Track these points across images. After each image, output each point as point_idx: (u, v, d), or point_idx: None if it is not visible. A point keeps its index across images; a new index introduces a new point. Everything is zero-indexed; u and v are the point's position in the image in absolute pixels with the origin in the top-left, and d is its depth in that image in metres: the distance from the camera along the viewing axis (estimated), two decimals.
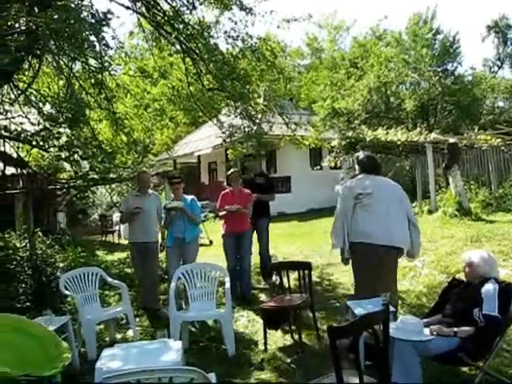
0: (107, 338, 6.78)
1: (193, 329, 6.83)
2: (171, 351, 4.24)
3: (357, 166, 6.10)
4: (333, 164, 19.32)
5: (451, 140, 14.92)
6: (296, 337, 6.21)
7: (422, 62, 27.92)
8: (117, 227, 19.41)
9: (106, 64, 8.53)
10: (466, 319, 4.36)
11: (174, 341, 4.76)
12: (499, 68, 36.04)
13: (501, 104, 32.10)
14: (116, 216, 19.01)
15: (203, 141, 25.27)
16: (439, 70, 29.10)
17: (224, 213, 8.14)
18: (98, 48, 6.54)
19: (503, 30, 34.74)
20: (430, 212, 14.62)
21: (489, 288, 4.44)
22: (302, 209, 21.13)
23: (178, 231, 7.62)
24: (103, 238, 19.30)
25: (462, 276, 5.22)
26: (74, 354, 5.32)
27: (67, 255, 9.85)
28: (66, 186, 11.24)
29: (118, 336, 6.85)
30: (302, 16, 10.35)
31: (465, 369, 4.80)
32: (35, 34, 5.66)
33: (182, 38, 9.41)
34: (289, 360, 5.67)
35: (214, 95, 10.73)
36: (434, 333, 4.34)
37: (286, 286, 6.69)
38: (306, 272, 6.40)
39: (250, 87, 9.78)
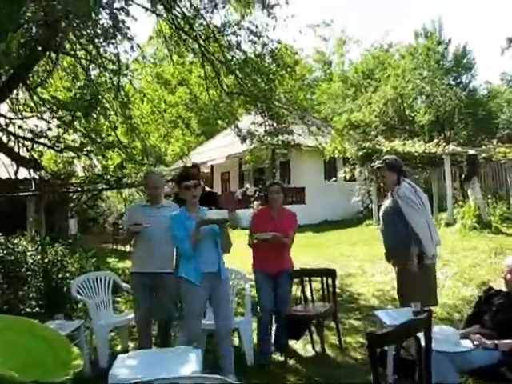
0: (119, 347, 6.51)
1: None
2: (190, 359, 3.97)
3: (392, 172, 5.61)
4: (348, 176, 19.11)
5: (471, 152, 14.68)
6: (318, 348, 5.95)
7: (436, 75, 27.64)
8: None
9: (123, 67, 8.38)
10: (509, 331, 4.04)
11: (192, 348, 4.49)
12: None
13: None
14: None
15: (216, 150, 25.19)
16: (453, 83, 29.00)
17: (255, 241, 5.91)
18: (117, 38, 6.30)
19: None
20: (448, 225, 14.42)
21: None
22: (315, 220, 20.80)
23: (210, 263, 4.90)
24: (114, 247, 19.06)
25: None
26: (84, 361, 5.07)
27: (78, 259, 9.59)
28: (78, 189, 11.04)
29: (131, 345, 6.56)
30: (324, 21, 10.32)
31: None
32: (54, 26, 5.47)
33: (201, 41, 9.19)
34: (311, 371, 5.40)
35: (233, 100, 10.47)
36: (476, 342, 4.02)
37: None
38: (330, 280, 6.12)
39: (272, 86, 9.50)
